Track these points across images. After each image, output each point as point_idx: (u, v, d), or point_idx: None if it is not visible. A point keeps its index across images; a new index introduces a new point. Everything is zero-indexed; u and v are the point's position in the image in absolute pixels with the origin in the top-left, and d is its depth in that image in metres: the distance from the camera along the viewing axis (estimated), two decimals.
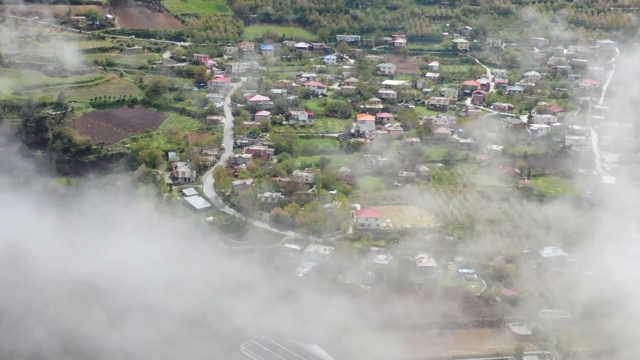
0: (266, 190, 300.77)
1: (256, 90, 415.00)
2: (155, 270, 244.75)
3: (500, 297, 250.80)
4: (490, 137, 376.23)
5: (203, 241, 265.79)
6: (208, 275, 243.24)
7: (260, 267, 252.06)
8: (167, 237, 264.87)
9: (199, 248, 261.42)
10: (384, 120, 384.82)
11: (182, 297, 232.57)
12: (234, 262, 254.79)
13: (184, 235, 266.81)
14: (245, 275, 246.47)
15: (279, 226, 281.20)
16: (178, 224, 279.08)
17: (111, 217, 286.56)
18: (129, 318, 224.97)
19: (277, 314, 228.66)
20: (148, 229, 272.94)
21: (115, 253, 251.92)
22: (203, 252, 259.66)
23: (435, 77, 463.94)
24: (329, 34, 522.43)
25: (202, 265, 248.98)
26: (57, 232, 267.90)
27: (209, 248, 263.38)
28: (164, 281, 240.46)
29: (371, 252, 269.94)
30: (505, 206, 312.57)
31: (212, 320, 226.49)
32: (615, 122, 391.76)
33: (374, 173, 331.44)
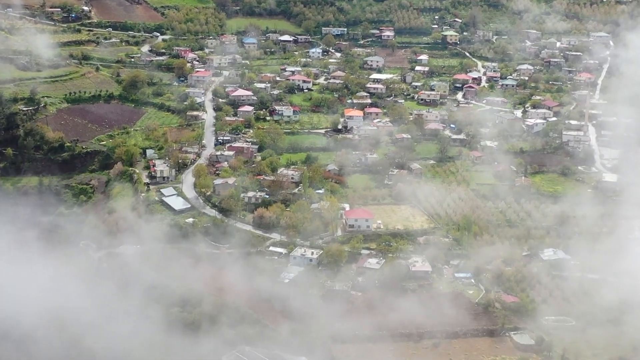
0: (249, 190, 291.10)
1: (239, 85, 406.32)
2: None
3: (500, 304, 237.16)
4: (483, 133, 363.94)
5: (182, 244, 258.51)
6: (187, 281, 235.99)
7: (243, 272, 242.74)
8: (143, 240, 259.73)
9: (177, 252, 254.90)
10: (373, 116, 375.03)
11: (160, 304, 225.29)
12: (215, 267, 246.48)
13: (162, 239, 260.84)
14: (227, 281, 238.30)
15: (263, 228, 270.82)
16: (155, 226, 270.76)
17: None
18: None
19: (261, 323, 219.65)
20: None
21: None
22: (182, 256, 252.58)
23: (425, 71, 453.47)
24: (314, 27, 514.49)
25: (181, 271, 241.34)
26: None
27: (188, 252, 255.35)
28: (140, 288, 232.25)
29: (361, 256, 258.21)
30: (502, 205, 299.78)
31: (191, 329, 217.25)
32: (613, 117, 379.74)
33: (363, 171, 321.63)
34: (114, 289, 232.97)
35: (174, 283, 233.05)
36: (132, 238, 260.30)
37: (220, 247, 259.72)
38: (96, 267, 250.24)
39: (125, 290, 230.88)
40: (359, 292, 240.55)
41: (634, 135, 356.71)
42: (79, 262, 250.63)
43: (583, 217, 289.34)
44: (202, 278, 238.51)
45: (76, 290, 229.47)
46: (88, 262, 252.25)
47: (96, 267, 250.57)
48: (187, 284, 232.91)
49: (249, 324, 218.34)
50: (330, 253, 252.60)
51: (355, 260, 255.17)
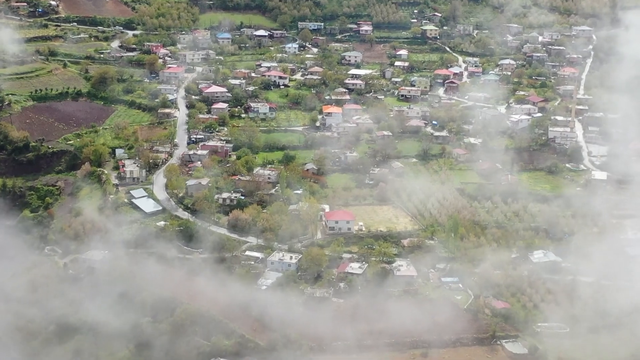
0: (224, 191, 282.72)
1: (212, 81, 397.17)
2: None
3: (490, 310, 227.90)
4: (467, 130, 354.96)
5: (152, 249, 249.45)
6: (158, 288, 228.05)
7: (217, 278, 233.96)
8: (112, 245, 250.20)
9: (148, 257, 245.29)
10: (352, 112, 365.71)
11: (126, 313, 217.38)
12: (188, 273, 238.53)
13: (131, 243, 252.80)
14: (200, 288, 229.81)
15: (238, 231, 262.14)
16: (124, 230, 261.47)
17: None
18: None
19: (237, 334, 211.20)
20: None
21: None
22: (152, 262, 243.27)
23: (405, 66, 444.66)
24: (290, 22, 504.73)
25: (152, 278, 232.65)
26: None
27: (159, 257, 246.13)
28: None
29: (343, 260, 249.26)
30: (488, 205, 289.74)
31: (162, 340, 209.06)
32: (600, 113, 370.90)
33: (343, 170, 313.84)
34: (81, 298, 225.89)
35: (144, 291, 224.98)
36: (100, 243, 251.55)
37: (194, 251, 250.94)
38: (62, 274, 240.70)
39: (92, 299, 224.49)
40: (341, 299, 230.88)
41: (622, 131, 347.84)
42: (43, 269, 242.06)
43: (573, 217, 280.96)
44: (175, 285, 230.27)
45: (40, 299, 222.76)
46: (53, 269, 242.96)
47: (62, 274, 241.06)
48: (158, 292, 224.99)
49: (225, 334, 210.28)
50: (310, 257, 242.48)
51: (337, 265, 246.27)
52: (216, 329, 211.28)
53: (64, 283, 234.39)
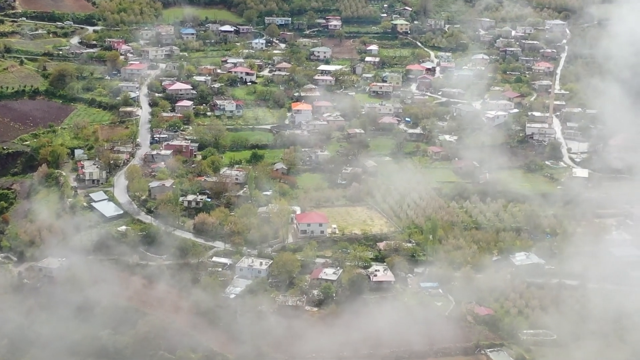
0: (189, 193, 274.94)
1: (176, 78, 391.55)
2: None
3: (473, 317, 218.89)
4: (441, 127, 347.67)
5: (113, 256, 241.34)
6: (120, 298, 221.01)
7: (183, 286, 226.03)
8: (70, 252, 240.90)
9: (108, 265, 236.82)
10: (322, 110, 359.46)
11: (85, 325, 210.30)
12: (151, 282, 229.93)
13: (91, 250, 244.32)
14: (164, 298, 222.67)
15: (205, 236, 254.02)
16: (83, 235, 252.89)
17: None
18: None
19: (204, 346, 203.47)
20: None
21: None
22: (113, 269, 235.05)
23: (376, 62, 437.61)
24: (256, 17, 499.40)
25: (113, 287, 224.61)
26: None
27: (121, 264, 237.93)
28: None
29: (316, 265, 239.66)
30: (467, 205, 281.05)
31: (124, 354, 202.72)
32: (578, 108, 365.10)
33: (314, 169, 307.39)
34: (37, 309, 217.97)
35: (104, 301, 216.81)
36: (57, 249, 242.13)
37: (157, 258, 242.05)
38: (16, 284, 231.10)
39: (49, 311, 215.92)
40: (315, 307, 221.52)
41: (602, 127, 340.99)
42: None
43: (554, 216, 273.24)
44: (137, 294, 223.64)
45: None
46: (7, 278, 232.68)
47: (16, 283, 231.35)
48: (119, 302, 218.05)
49: (191, 347, 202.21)
50: (281, 263, 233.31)
51: (310, 271, 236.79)
52: (182, 342, 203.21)
53: (18, 293, 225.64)
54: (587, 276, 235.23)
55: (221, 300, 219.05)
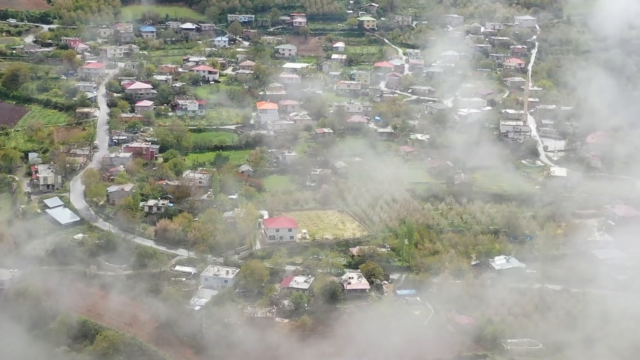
0: (150, 198, 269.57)
1: (136, 77, 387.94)
2: None
3: (454, 326, 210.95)
4: (412, 125, 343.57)
5: (69, 266, 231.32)
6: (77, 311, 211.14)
7: (144, 298, 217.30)
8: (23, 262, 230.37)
9: (64, 275, 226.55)
10: (289, 109, 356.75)
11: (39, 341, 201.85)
12: (111, 293, 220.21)
13: (45, 260, 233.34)
14: (125, 310, 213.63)
15: (167, 243, 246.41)
16: (37, 244, 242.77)
17: None
18: None
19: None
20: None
21: None
22: (70, 280, 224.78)
23: (343, 59, 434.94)
24: (218, 14, 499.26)
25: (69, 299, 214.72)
26: None
27: (77, 275, 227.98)
28: None
29: (286, 273, 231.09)
30: (442, 207, 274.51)
31: None
32: (552, 105, 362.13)
33: (281, 171, 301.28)
34: None
35: (59, 315, 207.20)
36: (8, 260, 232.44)
37: (116, 267, 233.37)
38: None
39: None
40: (285, 318, 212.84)
41: (578, 124, 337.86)
42: None
43: (534, 217, 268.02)
44: (95, 307, 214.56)
45: None
46: None
47: None
48: (76, 316, 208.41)
49: None
50: (248, 271, 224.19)
51: (279, 279, 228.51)
52: (143, 358, 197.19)
53: None
54: (570, 280, 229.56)
55: (185, 312, 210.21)
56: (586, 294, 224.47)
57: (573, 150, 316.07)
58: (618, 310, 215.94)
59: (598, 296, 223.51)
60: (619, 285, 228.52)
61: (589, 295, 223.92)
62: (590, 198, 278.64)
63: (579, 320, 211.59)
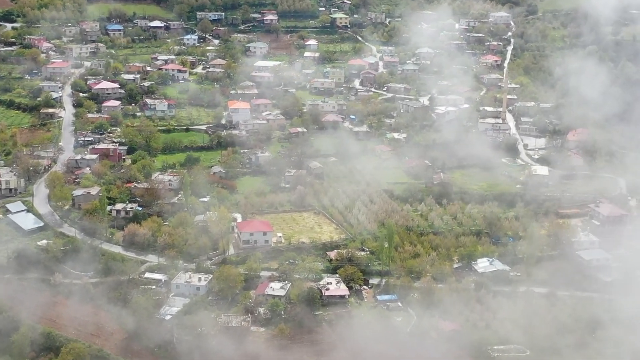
0: (118, 201, 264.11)
1: (103, 77, 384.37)
2: None
3: (438, 333, 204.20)
4: (388, 124, 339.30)
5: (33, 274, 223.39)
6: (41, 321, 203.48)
7: (112, 307, 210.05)
8: None
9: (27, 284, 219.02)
10: (261, 108, 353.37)
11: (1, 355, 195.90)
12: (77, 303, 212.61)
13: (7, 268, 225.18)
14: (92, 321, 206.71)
15: (136, 249, 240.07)
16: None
17: None
18: None
19: None
20: None
21: None
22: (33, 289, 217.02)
23: (315, 57, 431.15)
24: (187, 12, 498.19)
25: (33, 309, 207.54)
26: None
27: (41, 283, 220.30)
28: None
29: (261, 280, 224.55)
30: (422, 208, 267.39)
31: None
32: (531, 102, 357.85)
33: (254, 172, 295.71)
34: None
35: (23, 326, 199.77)
36: None
37: (83, 275, 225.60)
38: None
39: None
40: (261, 327, 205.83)
41: (558, 122, 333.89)
42: None
43: (516, 218, 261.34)
44: (60, 318, 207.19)
45: None
46: None
47: None
48: (40, 327, 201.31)
49: None
50: (222, 278, 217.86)
51: (255, 286, 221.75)
52: None
53: None
54: (556, 283, 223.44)
55: (155, 322, 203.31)
56: (573, 297, 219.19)
57: (554, 148, 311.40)
58: (606, 314, 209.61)
59: (585, 299, 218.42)
60: (606, 287, 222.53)
61: (576, 298, 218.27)
62: (573, 197, 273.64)
63: (566, 325, 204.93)
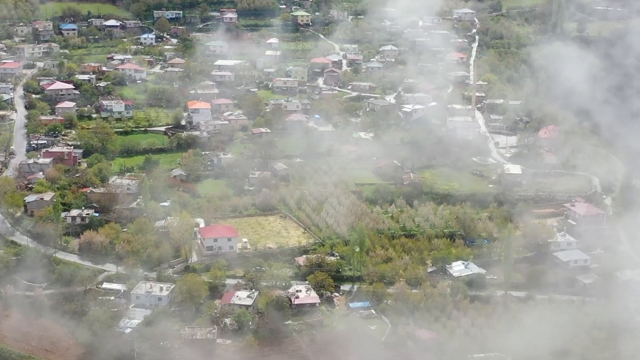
0: (73, 207, 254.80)
1: (56, 77, 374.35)
2: None
3: (414, 341, 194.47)
4: (355, 123, 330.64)
5: None
6: None
7: (68, 321, 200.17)
8: None
9: None
10: (222, 108, 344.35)
11: None
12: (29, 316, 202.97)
13: None
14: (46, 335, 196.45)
15: (93, 257, 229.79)
16: None
17: None
18: None
19: None
20: None
21: None
22: None
23: (277, 56, 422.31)
24: (144, 10, 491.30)
25: None
26: None
27: None
28: None
29: (227, 288, 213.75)
30: (392, 210, 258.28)
31: None
32: (500, 99, 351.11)
33: (217, 175, 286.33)
34: None
35: None
36: None
37: (36, 287, 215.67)
38: None
39: None
40: (228, 339, 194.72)
41: (528, 119, 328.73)
42: None
43: (490, 218, 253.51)
44: (12, 332, 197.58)
45: None
46: None
47: None
48: None
49: None
50: (185, 287, 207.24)
51: (220, 295, 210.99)
52: None
53: None
54: (534, 286, 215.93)
55: (115, 336, 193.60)
56: (553, 300, 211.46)
57: (526, 146, 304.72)
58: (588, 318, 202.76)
59: (565, 303, 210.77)
60: (586, 290, 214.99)
61: (556, 301, 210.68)
62: (547, 196, 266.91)
63: (547, 330, 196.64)
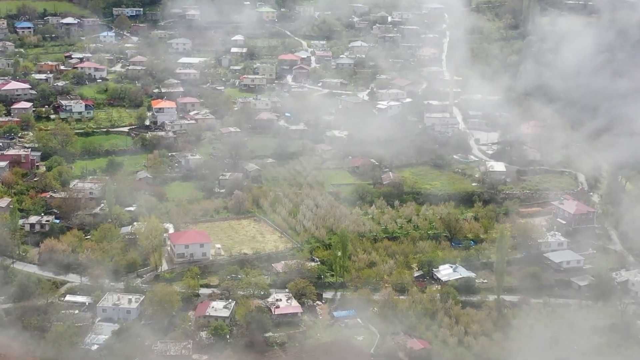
0: (32, 213, 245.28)
1: (11, 77, 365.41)
2: None
3: (405, 352, 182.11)
4: (327, 121, 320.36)
5: None
6: None
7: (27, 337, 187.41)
8: None
9: None
10: (189, 107, 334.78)
11: None
12: None
13: None
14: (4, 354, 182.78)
15: (54, 268, 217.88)
16: None
17: None
18: None
19: None
20: None
21: None
22: None
23: (243, 53, 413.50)
24: (103, 8, 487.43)
25: None
26: None
27: None
28: None
29: (201, 299, 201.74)
30: (372, 211, 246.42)
31: None
32: (478, 95, 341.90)
33: (185, 177, 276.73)
34: None
35: None
36: None
37: None
38: None
39: None
40: (204, 354, 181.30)
41: (508, 115, 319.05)
42: None
43: (476, 219, 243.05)
44: None
45: None
46: None
47: None
48: None
49: None
50: (155, 298, 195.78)
51: (194, 306, 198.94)
52: None
53: None
54: (527, 290, 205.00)
55: (80, 353, 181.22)
56: (548, 304, 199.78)
57: (508, 143, 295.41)
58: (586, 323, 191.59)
59: (561, 306, 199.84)
60: (582, 293, 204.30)
61: (552, 305, 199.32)
62: (534, 194, 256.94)
63: (544, 337, 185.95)
